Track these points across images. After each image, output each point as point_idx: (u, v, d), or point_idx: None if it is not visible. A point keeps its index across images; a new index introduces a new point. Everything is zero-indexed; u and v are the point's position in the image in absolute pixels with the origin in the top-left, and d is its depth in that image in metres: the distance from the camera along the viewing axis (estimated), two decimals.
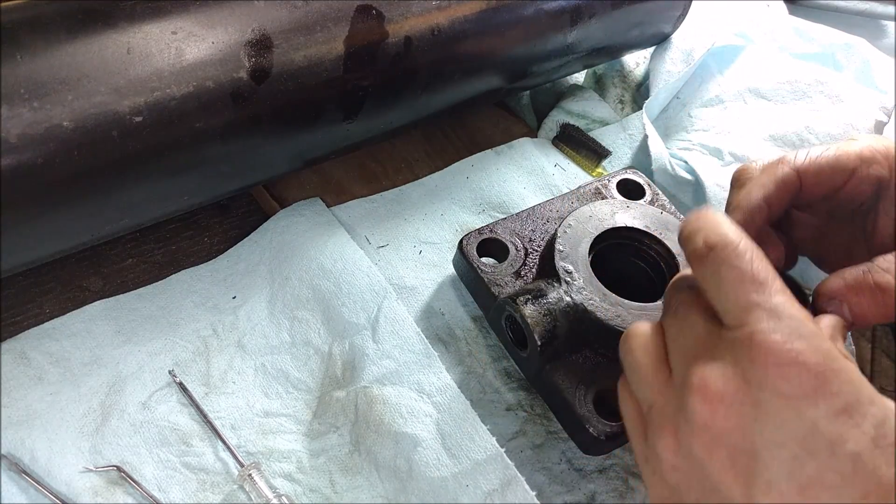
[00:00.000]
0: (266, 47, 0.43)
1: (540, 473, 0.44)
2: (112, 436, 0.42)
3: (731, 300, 0.31)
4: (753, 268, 0.32)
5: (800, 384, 0.28)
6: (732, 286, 0.31)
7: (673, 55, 0.69)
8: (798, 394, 0.28)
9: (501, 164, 0.61)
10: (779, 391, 0.28)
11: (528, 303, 0.44)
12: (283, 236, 0.52)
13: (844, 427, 0.28)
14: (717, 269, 0.32)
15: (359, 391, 0.45)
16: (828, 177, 0.43)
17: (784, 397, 0.28)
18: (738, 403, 0.29)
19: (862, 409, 0.28)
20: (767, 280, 0.31)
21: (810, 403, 0.28)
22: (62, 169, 0.38)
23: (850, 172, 0.43)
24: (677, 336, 0.34)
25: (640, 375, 0.35)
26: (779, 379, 0.29)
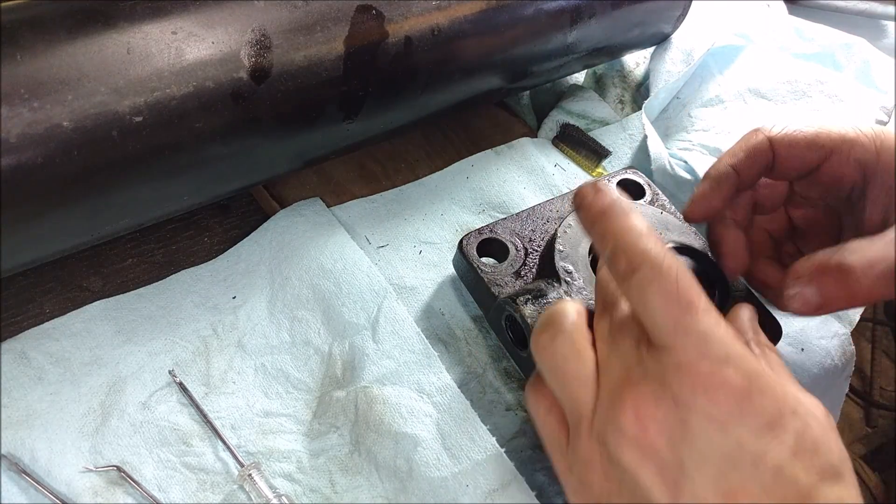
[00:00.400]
0: (266, 47, 0.43)
1: (540, 473, 0.44)
2: (112, 436, 0.42)
3: (658, 322, 0.32)
4: (680, 288, 0.31)
5: (726, 406, 0.30)
6: (659, 308, 0.32)
7: (673, 55, 0.69)
8: (724, 415, 0.30)
9: (501, 164, 0.61)
10: (707, 414, 0.30)
11: (528, 303, 0.44)
12: (283, 236, 0.52)
13: (766, 442, 0.29)
14: (642, 290, 0.32)
15: (359, 391, 0.45)
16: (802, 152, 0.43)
17: (710, 418, 0.30)
18: (669, 423, 0.30)
19: (783, 422, 0.30)
20: (693, 300, 0.31)
21: (735, 423, 0.30)
22: (62, 169, 0.38)
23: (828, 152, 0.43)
24: (612, 347, 0.34)
25: (569, 387, 0.34)
26: (706, 403, 0.30)
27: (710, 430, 0.30)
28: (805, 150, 0.43)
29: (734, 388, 0.30)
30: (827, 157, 0.43)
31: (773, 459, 0.29)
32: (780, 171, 0.44)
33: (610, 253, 0.34)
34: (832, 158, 0.43)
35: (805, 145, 0.43)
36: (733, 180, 0.43)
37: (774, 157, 0.43)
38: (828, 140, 0.43)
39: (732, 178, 0.43)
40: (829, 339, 0.55)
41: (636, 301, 0.33)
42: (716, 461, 0.30)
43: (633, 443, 0.31)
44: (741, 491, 0.29)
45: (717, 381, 0.30)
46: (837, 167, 0.43)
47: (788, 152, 0.43)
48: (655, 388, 0.31)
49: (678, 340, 0.31)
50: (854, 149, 0.42)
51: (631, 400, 0.31)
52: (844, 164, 0.43)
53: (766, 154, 0.43)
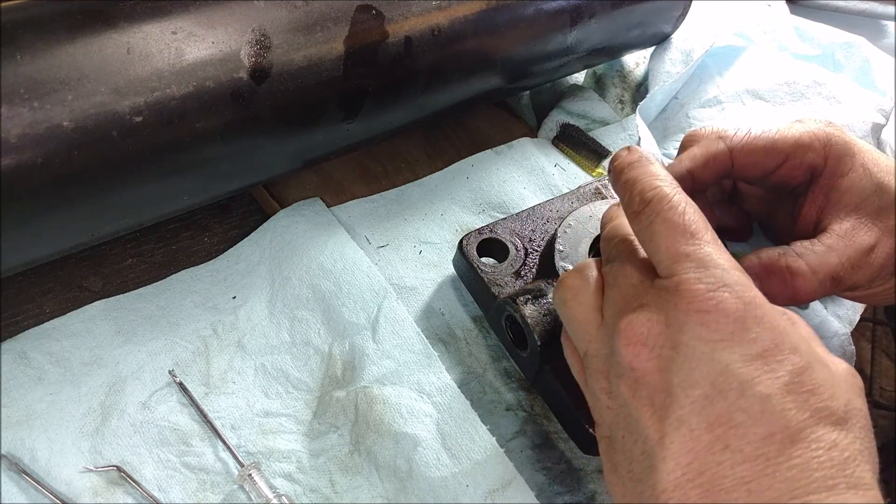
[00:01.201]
0: (266, 47, 0.43)
1: (540, 473, 0.44)
2: (112, 436, 0.42)
3: (662, 251, 0.33)
4: (685, 220, 0.33)
5: (718, 329, 0.30)
6: (664, 238, 0.33)
7: (672, 55, 0.69)
8: (714, 337, 0.29)
9: (501, 164, 0.61)
10: (698, 335, 0.30)
11: (528, 303, 0.44)
12: (284, 236, 0.52)
13: (757, 371, 0.29)
14: (650, 222, 0.33)
15: (359, 391, 0.45)
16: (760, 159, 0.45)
17: (701, 339, 0.30)
18: (659, 346, 0.31)
19: (780, 355, 0.29)
20: (699, 231, 0.32)
21: (725, 347, 0.29)
22: (62, 169, 0.38)
23: (784, 157, 0.45)
24: (612, 285, 0.35)
25: (575, 325, 0.36)
26: (698, 325, 0.30)
27: (700, 352, 0.29)
28: (763, 157, 0.45)
29: (728, 312, 0.30)
30: (782, 163, 0.45)
31: (761, 389, 0.29)
32: (738, 175, 0.46)
33: (628, 197, 0.36)
34: (786, 164, 0.45)
35: (763, 153, 0.45)
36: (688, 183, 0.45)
37: (733, 164, 0.45)
38: (784, 146, 0.45)
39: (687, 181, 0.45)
40: (829, 339, 0.55)
41: (644, 234, 0.34)
42: (703, 386, 0.29)
43: (627, 371, 0.31)
44: (726, 418, 0.29)
45: (711, 303, 0.30)
46: (790, 170, 0.45)
47: (747, 160, 0.45)
48: (650, 312, 0.31)
49: (679, 266, 0.32)
50: (807, 154, 0.45)
51: (625, 325, 0.32)
52: (797, 167, 0.45)
53: (725, 162, 0.45)
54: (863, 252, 0.42)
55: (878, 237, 0.42)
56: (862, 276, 0.42)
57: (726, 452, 0.28)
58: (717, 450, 0.28)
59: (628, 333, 0.31)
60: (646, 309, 0.32)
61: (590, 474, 0.45)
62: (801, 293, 0.40)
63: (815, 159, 0.44)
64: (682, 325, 0.30)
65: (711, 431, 0.29)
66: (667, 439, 0.29)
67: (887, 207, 0.43)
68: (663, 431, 0.30)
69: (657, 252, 0.33)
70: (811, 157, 0.44)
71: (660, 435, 0.30)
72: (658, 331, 0.31)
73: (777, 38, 0.78)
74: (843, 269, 0.41)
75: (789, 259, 0.41)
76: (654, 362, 0.31)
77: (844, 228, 0.42)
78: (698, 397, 0.29)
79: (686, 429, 0.29)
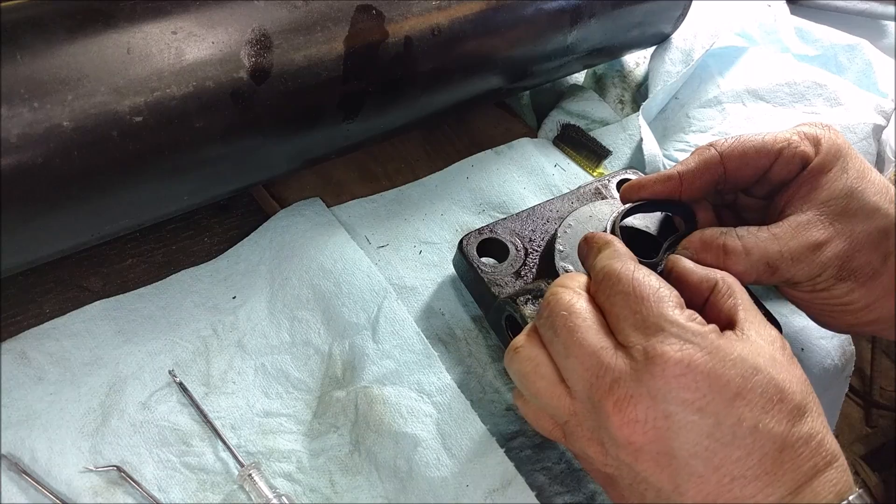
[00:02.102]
0: (266, 47, 0.43)
1: (540, 473, 0.44)
2: (112, 436, 0.42)
3: (622, 319, 0.35)
4: (634, 287, 0.35)
5: (697, 388, 0.32)
6: (621, 306, 0.35)
7: (673, 55, 0.69)
8: (697, 397, 0.32)
9: (501, 164, 0.61)
10: (682, 401, 0.32)
11: (528, 303, 0.44)
12: (283, 236, 0.52)
13: (738, 410, 0.32)
14: (608, 296, 0.36)
15: (359, 391, 0.45)
16: (753, 159, 0.46)
17: (687, 405, 0.32)
18: (652, 419, 0.33)
19: (749, 385, 0.33)
20: (650, 296, 0.35)
21: (708, 402, 0.32)
22: (62, 169, 0.38)
23: (776, 154, 0.46)
24: (566, 356, 0.36)
25: (544, 399, 0.37)
26: (679, 389, 0.32)
27: (689, 417, 0.32)
28: (755, 158, 0.46)
29: (699, 368, 0.33)
30: (776, 159, 0.46)
31: (747, 424, 0.32)
32: (735, 180, 0.47)
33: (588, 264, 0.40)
34: (780, 159, 0.46)
35: (755, 153, 0.46)
36: (674, 184, 0.46)
37: (726, 170, 0.46)
38: (775, 143, 0.45)
39: (674, 182, 0.46)
40: (829, 339, 0.55)
41: (604, 306, 0.36)
42: (702, 442, 0.32)
43: (626, 444, 0.33)
44: (726, 458, 0.32)
45: (682, 364, 0.33)
46: (785, 166, 0.46)
47: (740, 163, 0.46)
48: (631, 387, 0.33)
49: (639, 335, 0.34)
50: (799, 147, 0.45)
51: (612, 406, 0.34)
52: (790, 161, 0.45)
53: (717, 167, 0.46)
54: (808, 247, 0.43)
55: (831, 237, 0.43)
56: (802, 272, 0.43)
57: (734, 482, 0.32)
58: (726, 482, 0.32)
59: (620, 415, 0.33)
60: (625, 384, 0.33)
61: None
62: (730, 271, 0.41)
63: (807, 150, 0.45)
64: (665, 394, 0.33)
65: (717, 472, 0.32)
66: (681, 487, 0.33)
67: (853, 213, 0.43)
68: (676, 483, 0.33)
69: (616, 321, 0.35)
70: (803, 149, 0.45)
71: (673, 486, 0.33)
72: (646, 405, 0.33)
73: (778, 39, 0.78)
74: (782, 259, 0.42)
75: (727, 238, 0.43)
76: (651, 433, 0.33)
77: (799, 221, 0.43)
78: (699, 451, 0.32)
79: (696, 477, 0.32)
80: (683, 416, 0.32)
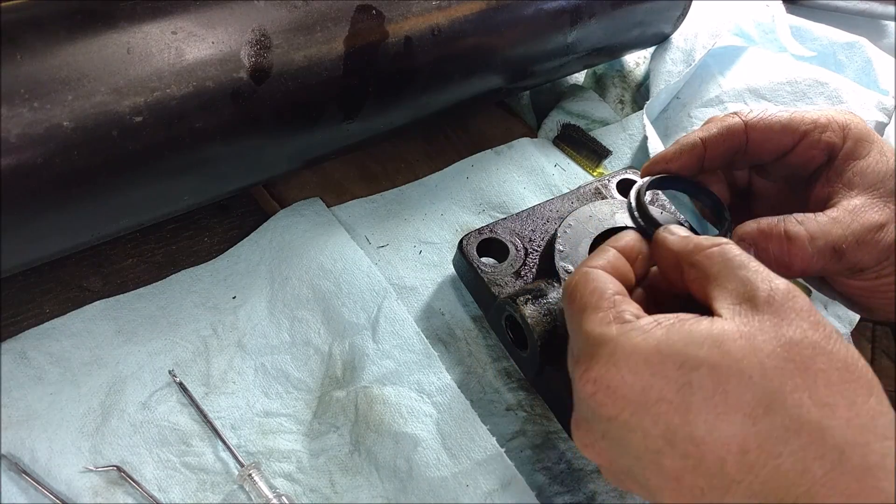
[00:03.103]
0: (266, 47, 0.43)
1: (540, 473, 0.44)
2: (112, 436, 0.42)
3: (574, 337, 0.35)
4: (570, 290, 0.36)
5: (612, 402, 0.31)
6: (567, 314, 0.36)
7: (673, 55, 0.69)
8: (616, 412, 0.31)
9: (501, 164, 0.61)
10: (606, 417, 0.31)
11: (528, 303, 0.44)
12: (283, 236, 0.52)
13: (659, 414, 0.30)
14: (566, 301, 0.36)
15: (359, 391, 0.45)
16: (777, 135, 0.44)
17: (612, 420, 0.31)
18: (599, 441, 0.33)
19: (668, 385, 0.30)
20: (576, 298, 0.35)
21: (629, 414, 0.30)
22: (62, 169, 0.38)
23: (801, 135, 0.44)
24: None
25: None
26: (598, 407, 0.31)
27: (618, 430, 0.31)
28: (779, 134, 0.44)
29: (603, 383, 0.31)
30: (800, 141, 0.44)
31: (685, 431, 0.29)
32: (754, 154, 0.45)
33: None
34: (803, 142, 0.44)
35: (780, 129, 0.44)
36: (698, 151, 0.45)
37: (748, 140, 0.45)
38: (801, 124, 0.44)
39: (698, 149, 0.45)
40: None
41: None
42: (647, 457, 0.30)
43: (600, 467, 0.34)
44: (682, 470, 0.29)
45: (592, 384, 0.31)
46: (808, 149, 0.44)
47: (763, 136, 0.44)
48: (578, 412, 0.33)
49: (573, 346, 0.34)
50: (825, 133, 0.44)
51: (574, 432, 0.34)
52: (814, 146, 0.44)
53: (740, 135, 0.45)
54: (870, 228, 0.40)
55: (889, 217, 0.41)
56: (867, 255, 0.41)
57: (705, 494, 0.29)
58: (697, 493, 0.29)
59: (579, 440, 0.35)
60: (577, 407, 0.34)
61: (590, 474, 0.45)
62: (796, 260, 0.40)
63: (834, 139, 0.44)
64: (591, 414, 0.32)
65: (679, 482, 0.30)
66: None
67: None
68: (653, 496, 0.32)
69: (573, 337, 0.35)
70: (829, 136, 0.43)
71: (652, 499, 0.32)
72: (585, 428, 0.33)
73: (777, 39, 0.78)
74: (847, 242, 0.40)
75: (788, 224, 0.40)
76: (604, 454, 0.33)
77: (854, 204, 0.41)
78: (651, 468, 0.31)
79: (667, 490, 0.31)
80: (614, 434, 0.31)
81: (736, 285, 0.32)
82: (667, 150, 0.46)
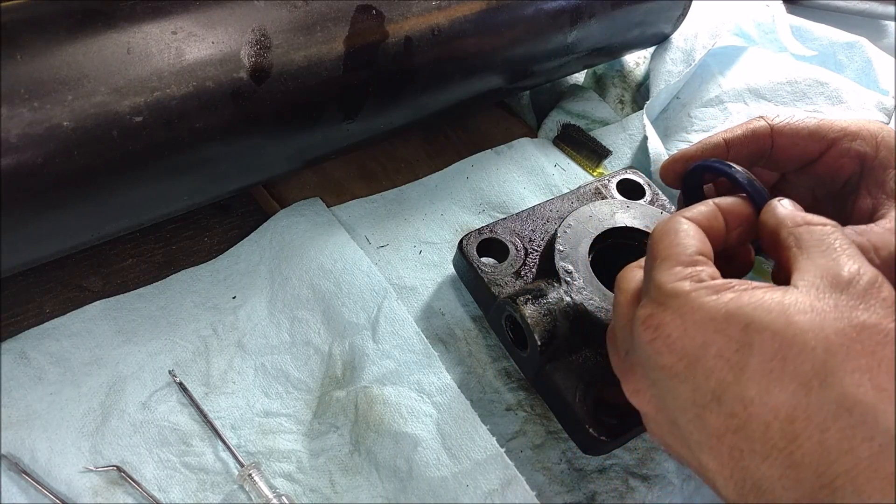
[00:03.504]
0: (266, 47, 0.43)
1: (540, 473, 0.44)
2: (112, 436, 0.42)
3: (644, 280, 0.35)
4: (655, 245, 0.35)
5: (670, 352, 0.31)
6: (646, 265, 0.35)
7: (673, 55, 0.69)
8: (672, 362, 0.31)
9: (501, 164, 0.61)
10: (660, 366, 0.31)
11: (528, 303, 0.43)
12: (283, 236, 0.52)
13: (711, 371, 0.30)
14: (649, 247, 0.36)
15: (359, 391, 0.45)
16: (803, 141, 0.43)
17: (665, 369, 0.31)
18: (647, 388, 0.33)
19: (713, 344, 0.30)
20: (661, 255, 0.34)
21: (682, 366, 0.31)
22: (62, 169, 0.38)
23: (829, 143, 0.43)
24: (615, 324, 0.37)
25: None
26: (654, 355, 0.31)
27: (668, 381, 0.31)
28: (807, 140, 0.43)
29: (666, 332, 0.31)
30: (828, 149, 0.43)
31: (735, 390, 0.29)
32: (779, 160, 0.45)
33: None
34: (832, 150, 0.43)
35: (807, 135, 0.43)
36: (721, 152, 0.44)
37: (774, 145, 0.44)
38: (830, 131, 0.43)
39: (721, 150, 0.44)
40: None
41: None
42: (692, 410, 0.30)
43: (643, 413, 0.34)
44: (726, 429, 0.29)
45: (653, 331, 0.31)
46: (837, 158, 0.43)
47: (790, 142, 0.44)
48: (632, 354, 0.33)
49: (643, 298, 0.33)
50: (855, 141, 0.43)
51: (622, 375, 0.34)
52: (844, 155, 0.43)
53: (765, 139, 0.44)
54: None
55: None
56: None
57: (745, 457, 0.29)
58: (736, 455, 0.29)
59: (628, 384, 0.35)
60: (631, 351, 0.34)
61: (590, 474, 0.45)
62: None
63: (866, 148, 0.43)
64: (646, 360, 0.32)
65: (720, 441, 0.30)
66: (701, 460, 0.31)
67: None
68: (693, 455, 0.31)
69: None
70: (860, 146, 0.43)
71: (693, 458, 0.32)
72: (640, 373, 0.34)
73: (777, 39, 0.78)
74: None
75: (851, 236, 0.38)
76: (652, 402, 0.33)
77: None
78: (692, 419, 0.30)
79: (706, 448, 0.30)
80: (665, 383, 0.31)
81: (824, 262, 0.32)
82: (688, 149, 0.46)
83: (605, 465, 0.45)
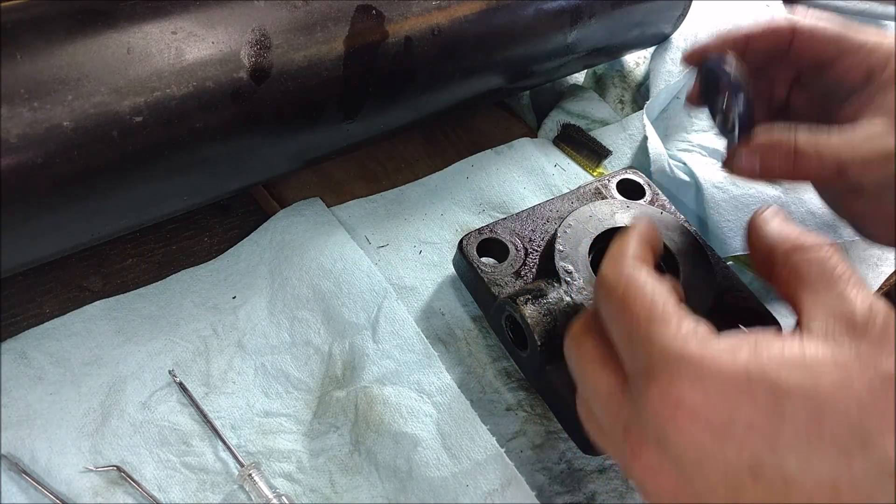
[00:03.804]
0: (266, 47, 0.43)
1: (540, 473, 0.44)
2: (112, 436, 0.42)
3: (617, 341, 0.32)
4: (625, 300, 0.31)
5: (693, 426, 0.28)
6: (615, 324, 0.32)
7: (673, 55, 0.69)
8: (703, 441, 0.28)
9: (501, 164, 0.61)
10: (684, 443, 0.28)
11: (528, 303, 0.44)
12: (283, 236, 0.52)
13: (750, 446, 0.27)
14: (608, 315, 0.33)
15: (359, 391, 0.45)
16: (820, 45, 0.44)
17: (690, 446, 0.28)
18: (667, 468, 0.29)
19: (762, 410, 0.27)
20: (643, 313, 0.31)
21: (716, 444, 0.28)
22: (62, 169, 0.38)
23: (844, 50, 0.44)
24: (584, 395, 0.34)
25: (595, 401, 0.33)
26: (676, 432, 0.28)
27: (699, 460, 0.28)
28: (823, 44, 0.44)
29: (688, 405, 0.28)
30: (841, 56, 0.44)
31: (773, 463, 0.27)
32: (795, 58, 0.45)
33: None
34: (845, 59, 0.44)
35: (825, 40, 0.44)
36: (740, 44, 0.45)
37: (793, 41, 0.45)
38: (848, 42, 0.44)
39: (740, 42, 0.45)
40: None
41: (605, 325, 0.33)
42: (723, 488, 0.28)
43: (656, 494, 0.30)
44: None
45: (672, 406, 0.28)
46: (849, 69, 0.44)
47: (808, 43, 0.44)
48: (639, 430, 0.30)
49: (632, 366, 0.30)
50: (871, 56, 0.43)
51: (629, 452, 0.30)
52: (857, 67, 0.43)
53: (785, 35, 0.45)
54: (879, 155, 0.39)
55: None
56: (871, 178, 0.40)
57: None
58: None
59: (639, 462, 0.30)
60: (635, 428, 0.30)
61: (590, 474, 0.45)
62: (800, 172, 0.39)
63: (877, 63, 0.43)
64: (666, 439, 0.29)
65: None
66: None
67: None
68: None
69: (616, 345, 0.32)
70: (874, 60, 0.43)
71: None
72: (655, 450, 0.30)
73: None
74: (853, 163, 0.39)
75: (799, 137, 0.40)
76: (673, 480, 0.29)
77: (873, 129, 0.40)
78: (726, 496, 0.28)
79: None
80: (691, 461, 0.28)
81: (833, 300, 0.30)
82: (707, 42, 0.46)
83: (605, 465, 0.45)
